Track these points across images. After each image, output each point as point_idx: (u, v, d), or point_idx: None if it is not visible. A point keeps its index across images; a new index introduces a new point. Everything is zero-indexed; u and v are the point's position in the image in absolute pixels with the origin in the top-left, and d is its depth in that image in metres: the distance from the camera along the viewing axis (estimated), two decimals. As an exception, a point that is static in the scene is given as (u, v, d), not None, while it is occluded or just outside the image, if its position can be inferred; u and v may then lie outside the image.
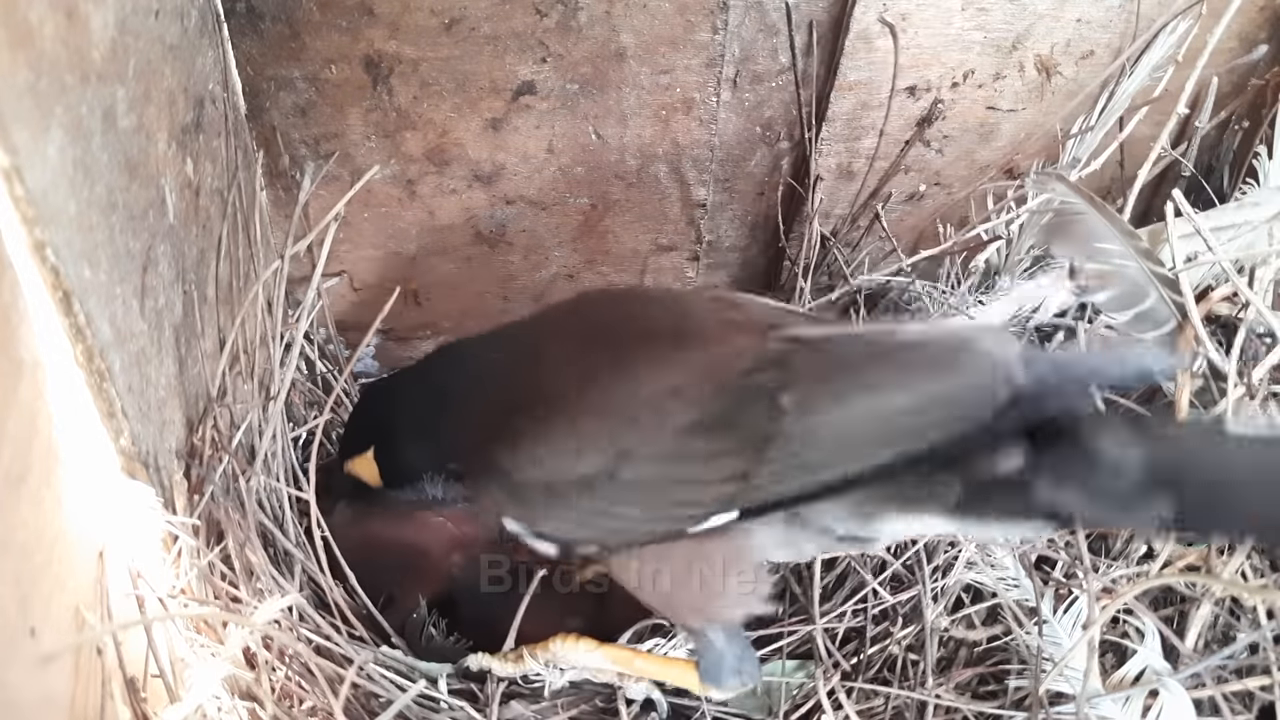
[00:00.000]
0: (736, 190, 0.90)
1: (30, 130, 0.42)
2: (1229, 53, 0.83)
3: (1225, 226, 0.77)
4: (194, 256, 0.65)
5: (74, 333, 0.47)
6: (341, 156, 0.81)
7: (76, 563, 0.52)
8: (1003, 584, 0.69)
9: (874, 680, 0.67)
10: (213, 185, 0.69)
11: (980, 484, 0.49)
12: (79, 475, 0.52)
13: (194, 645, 0.59)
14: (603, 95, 0.80)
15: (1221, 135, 0.91)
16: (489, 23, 0.75)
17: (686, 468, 0.52)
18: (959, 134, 0.87)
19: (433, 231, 0.87)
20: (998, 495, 0.50)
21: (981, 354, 0.49)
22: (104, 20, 0.50)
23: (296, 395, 0.84)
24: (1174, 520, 0.46)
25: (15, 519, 0.45)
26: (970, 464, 0.49)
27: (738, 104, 0.83)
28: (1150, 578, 0.62)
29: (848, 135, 0.86)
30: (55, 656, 0.48)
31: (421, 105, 0.79)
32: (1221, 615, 0.64)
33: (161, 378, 0.59)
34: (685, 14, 0.76)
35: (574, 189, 0.87)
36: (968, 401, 0.48)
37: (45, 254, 0.44)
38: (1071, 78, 0.84)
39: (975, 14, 0.79)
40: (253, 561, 0.63)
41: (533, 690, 0.67)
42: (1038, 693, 0.62)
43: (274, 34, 0.73)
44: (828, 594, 0.73)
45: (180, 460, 0.62)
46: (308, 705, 0.59)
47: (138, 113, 0.55)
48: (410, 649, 0.69)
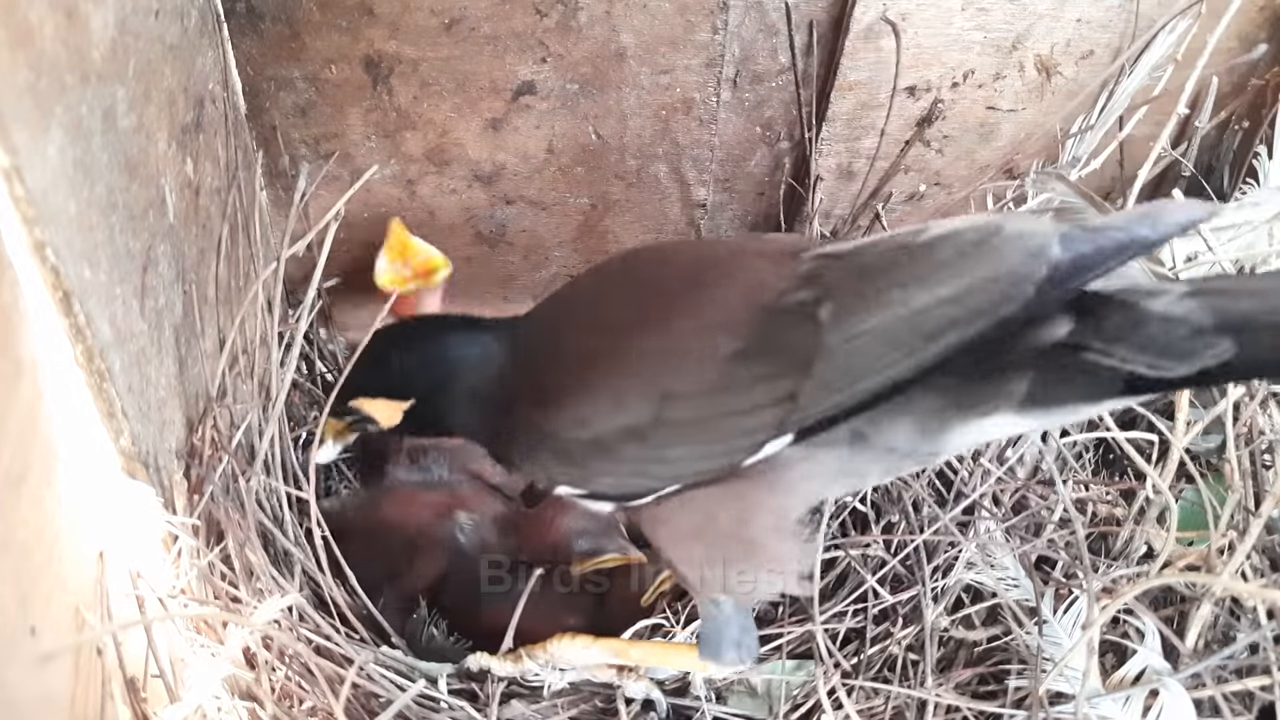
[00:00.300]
0: (736, 190, 0.90)
1: (30, 130, 0.42)
2: (1229, 53, 0.83)
3: (1225, 226, 0.77)
4: (194, 256, 0.65)
5: (74, 333, 0.47)
6: (341, 156, 0.81)
7: (76, 562, 0.52)
8: (1003, 584, 0.69)
9: (874, 680, 0.67)
10: (213, 185, 0.69)
11: (1042, 369, 0.49)
12: (79, 475, 0.52)
13: (194, 645, 0.59)
14: (603, 95, 0.80)
15: (1221, 135, 0.91)
16: (489, 23, 0.75)
17: (733, 398, 0.51)
18: (959, 134, 0.87)
19: (433, 231, 0.87)
20: (1061, 376, 0.49)
21: (1014, 235, 0.48)
22: (104, 20, 0.50)
23: (296, 395, 0.84)
24: (1237, 364, 0.46)
25: (15, 518, 0.45)
26: (1021, 344, 0.49)
27: (738, 104, 0.83)
28: (1150, 578, 0.62)
29: (848, 135, 0.86)
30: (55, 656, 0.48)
31: (421, 105, 0.79)
32: (1221, 615, 0.64)
33: (161, 378, 0.59)
34: (685, 14, 0.76)
35: (574, 189, 0.87)
36: (1007, 283, 0.47)
37: (45, 254, 0.44)
38: (1071, 78, 0.84)
39: (975, 14, 0.79)
40: (253, 561, 0.63)
41: (532, 690, 0.67)
42: (1038, 693, 0.62)
43: (274, 34, 0.73)
44: (828, 593, 0.73)
45: (180, 460, 0.62)
46: (308, 705, 0.59)
47: (138, 113, 0.55)
48: (410, 649, 0.69)
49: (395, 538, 0.78)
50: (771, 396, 0.51)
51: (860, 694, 0.66)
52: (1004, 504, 0.76)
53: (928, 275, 0.49)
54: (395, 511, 0.80)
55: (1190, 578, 0.61)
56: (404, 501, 0.81)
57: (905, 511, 0.77)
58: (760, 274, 0.54)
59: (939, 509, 0.74)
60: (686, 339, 0.53)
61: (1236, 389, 0.67)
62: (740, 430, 0.52)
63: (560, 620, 0.71)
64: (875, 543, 0.74)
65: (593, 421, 0.54)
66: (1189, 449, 0.67)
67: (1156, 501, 0.68)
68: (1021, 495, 0.76)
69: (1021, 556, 0.70)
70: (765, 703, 0.67)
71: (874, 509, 0.79)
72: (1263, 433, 0.67)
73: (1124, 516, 0.71)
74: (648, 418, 0.53)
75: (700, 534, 0.57)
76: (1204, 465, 0.70)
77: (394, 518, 0.80)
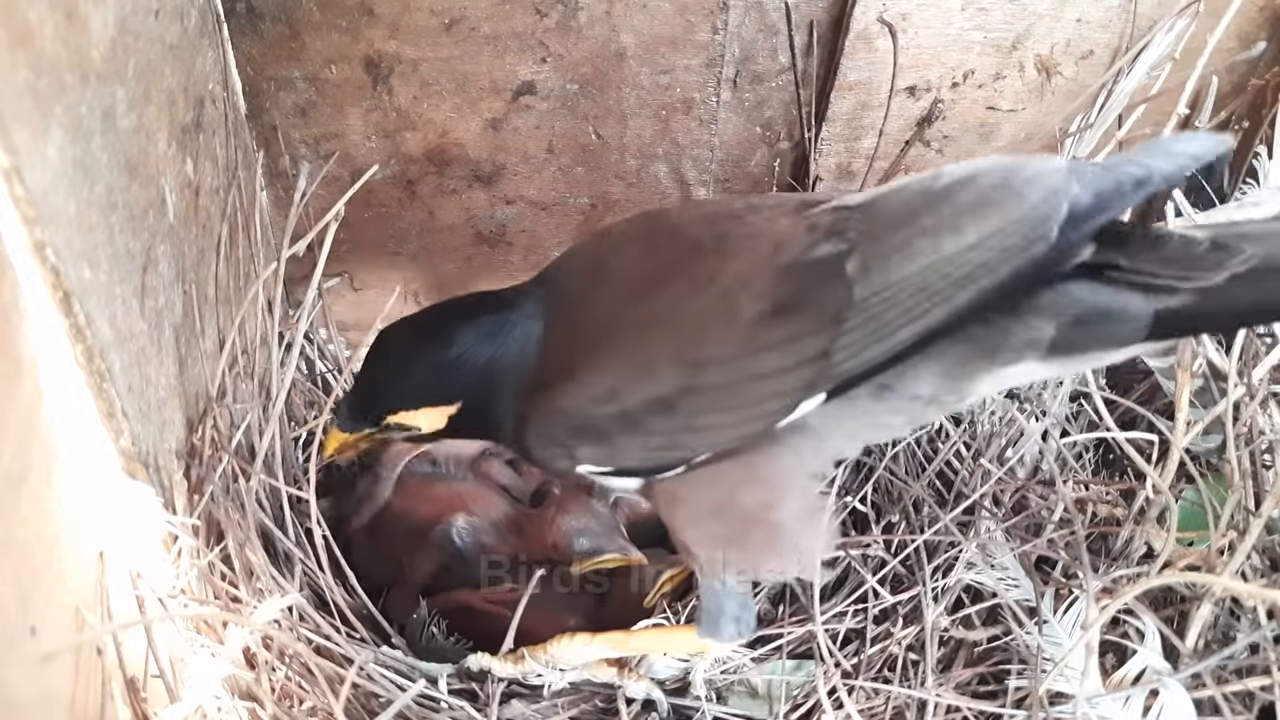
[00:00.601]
0: (736, 190, 0.90)
1: (30, 130, 0.42)
2: (1229, 52, 0.83)
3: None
4: (194, 256, 0.65)
5: (74, 333, 0.47)
6: (341, 156, 0.81)
7: (76, 562, 0.52)
8: (1003, 584, 0.69)
9: (874, 680, 0.67)
10: (213, 185, 0.69)
11: (1069, 312, 0.49)
12: (79, 475, 0.52)
13: (194, 645, 0.59)
14: (603, 95, 0.80)
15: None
16: (489, 23, 0.75)
17: (764, 360, 0.51)
18: (959, 134, 0.87)
19: (433, 231, 0.87)
20: (1088, 317, 0.49)
21: (1034, 175, 0.48)
22: (104, 20, 0.50)
23: (296, 395, 0.84)
24: (1264, 271, 0.46)
25: (15, 518, 0.45)
26: (1047, 282, 0.49)
27: (738, 104, 0.83)
28: (1150, 578, 0.62)
29: (848, 135, 0.86)
30: (55, 656, 0.48)
31: (421, 105, 0.79)
32: (1221, 615, 0.64)
33: (161, 378, 0.59)
34: (685, 14, 0.76)
35: (574, 189, 0.87)
36: (1032, 223, 0.47)
37: (45, 254, 0.44)
38: (1071, 77, 0.84)
39: (975, 14, 0.79)
40: (253, 561, 0.63)
41: (532, 690, 0.67)
42: (1038, 693, 0.62)
43: (274, 34, 0.73)
44: (828, 594, 0.73)
45: (180, 460, 0.62)
46: (308, 705, 0.59)
47: (138, 113, 0.55)
48: (410, 649, 0.69)
49: (399, 528, 0.78)
50: (803, 356, 0.50)
51: (860, 694, 0.66)
52: (1004, 504, 0.76)
53: (954, 220, 0.49)
54: (402, 502, 0.80)
55: (1190, 578, 0.61)
56: (411, 494, 0.81)
57: (905, 511, 0.77)
58: (777, 230, 0.53)
59: (939, 509, 0.74)
60: (712, 303, 0.52)
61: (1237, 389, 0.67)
62: (772, 392, 0.51)
63: (560, 620, 0.71)
64: (875, 543, 0.74)
65: (621, 394, 0.53)
66: (1189, 449, 0.67)
67: (1156, 501, 0.68)
68: (1021, 495, 0.76)
69: (1021, 556, 0.70)
70: (765, 703, 0.67)
71: (874, 509, 0.79)
72: (1263, 433, 0.67)
73: (1124, 516, 0.71)
74: (677, 387, 0.51)
75: (720, 513, 0.56)
76: (1204, 465, 0.70)
77: (400, 508, 0.80)
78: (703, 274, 0.53)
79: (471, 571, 0.75)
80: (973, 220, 0.48)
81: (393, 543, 0.78)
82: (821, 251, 0.51)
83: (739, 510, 0.55)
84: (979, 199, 0.49)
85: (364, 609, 0.71)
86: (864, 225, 0.51)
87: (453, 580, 0.76)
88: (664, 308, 0.53)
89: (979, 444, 0.80)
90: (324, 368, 0.89)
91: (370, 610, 0.71)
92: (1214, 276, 0.47)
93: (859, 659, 0.68)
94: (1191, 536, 0.68)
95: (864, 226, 0.51)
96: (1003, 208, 0.48)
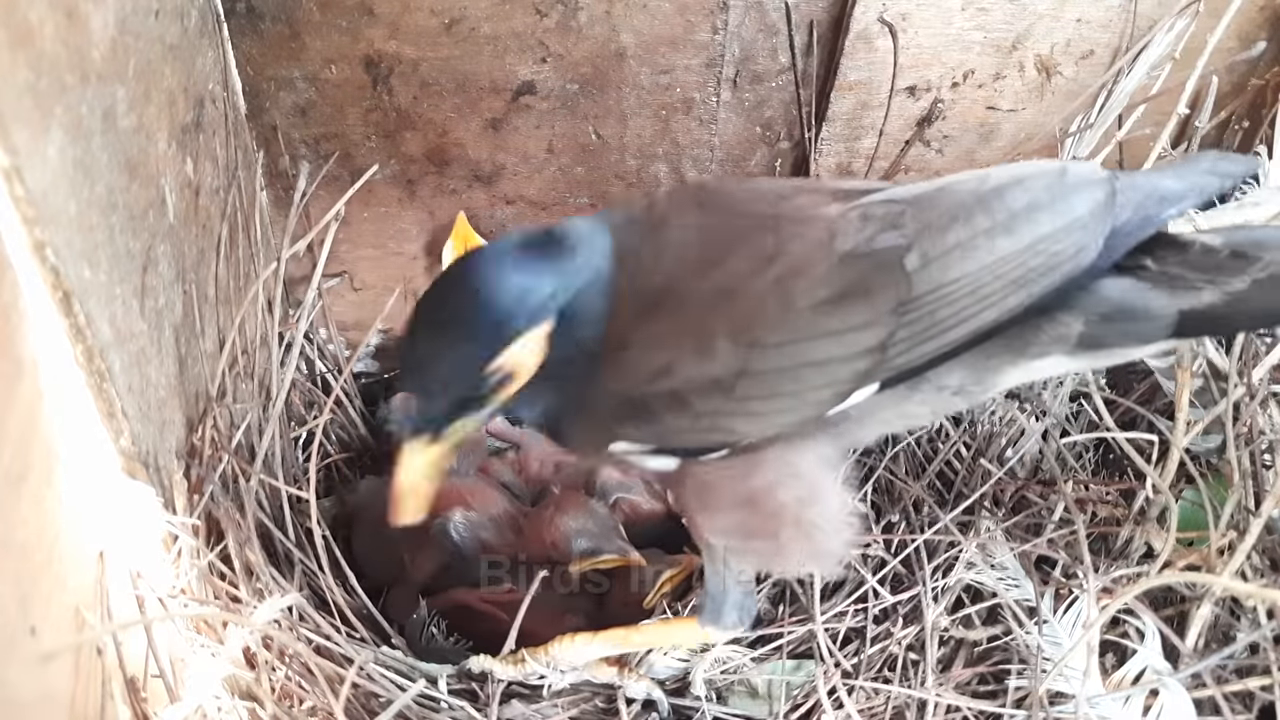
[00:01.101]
0: (736, 190, 0.90)
1: (30, 130, 0.42)
2: (1229, 52, 0.83)
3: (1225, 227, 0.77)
4: (194, 256, 0.65)
5: (74, 333, 0.47)
6: (341, 156, 0.81)
7: (76, 562, 0.52)
8: (1003, 584, 0.69)
9: (874, 680, 0.67)
10: (213, 185, 0.69)
11: (1098, 310, 0.51)
12: (79, 475, 0.52)
13: (194, 645, 0.59)
14: (603, 95, 0.80)
15: (1221, 135, 0.90)
16: (489, 23, 0.75)
17: (822, 347, 0.50)
18: (959, 134, 0.87)
19: (433, 231, 0.87)
20: (1117, 315, 0.51)
21: (1081, 183, 0.50)
22: (104, 20, 0.50)
23: (296, 395, 0.84)
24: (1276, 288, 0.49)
25: (15, 518, 0.45)
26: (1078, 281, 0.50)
27: (738, 104, 0.83)
28: (1150, 578, 0.62)
29: (848, 135, 0.86)
30: (55, 656, 0.48)
31: (421, 105, 0.79)
32: (1221, 615, 0.64)
33: (161, 378, 0.59)
34: (685, 14, 0.76)
35: (574, 189, 0.87)
36: (1082, 230, 0.49)
37: (45, 254, 0.44)
38: (1071, 77, 0.84)
39: (975, 14, 0.79)
40: (253, 561, 0.63)
41: (533, 690, 0.67)
42: (1038, 692, 0.62)
43: (274, 34, 0.73)
44: (828, 593, 0.73)
45: (180, 460, 0.62)
46: (308, 705, 0.59)
47: (138, 113, 0.55)
48: (410, 649, 0.69)
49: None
50: (861, 346, 0.50)
51: (860, 694, 0.66)
52: (1004, 504, 0.76)
53: (1009, 223, 0.49)
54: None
55: (1190, 578, 0.61)
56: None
57: (905, 511, 0.77)
58: (829, 216, 0.52)
59: (939, 509, 0.74)
60: (771, 285, 0.51)
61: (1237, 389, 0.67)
62: (827, 380, 0.51)
63: (560, 620, 0.71)
64: (875, 542, 0.74)
65: (677, 370, 0.51)
66: (1189, 449, 0.67)
67: (1156, 501, 0.68)
68: (1021, 495, 0.76)
69: (1021, 556, 0.70)
70: (765, 703, 0.67)
71: (874, 509, 0.79)
72: (1263, 433, 0.67)
73: (1124, 516, 0.71)
74: (734, 368, 0.50)
75: (753, 505, 0.55)
76: (1204, 465, 0.70)
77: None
78: (762, 253, 0.52)
79: (470, 568, 0.75)
80: (1027, 224, 0.49)
81: (394, 540, 0.78)
82: (884, 242, 0.50)
83: (774, 504, 0.55)
84: (1032, 203, 0.50)
85: (364, 609, 0.71)
86: (920, 220, 0.51)
87: (452, 578, 0.76)
88: (724, 285, 0.51)
89: (979, 444, 0.80)
90: (324, 368, 0.89)
91: (370, 610, 0.71)
92: (1237, 281, 0.49)
93: (859, 659, 0.68)
94: (1191, 536, 0.67)
95: (920, 221, 0.51)
96: (1054, 213, 0.49)
